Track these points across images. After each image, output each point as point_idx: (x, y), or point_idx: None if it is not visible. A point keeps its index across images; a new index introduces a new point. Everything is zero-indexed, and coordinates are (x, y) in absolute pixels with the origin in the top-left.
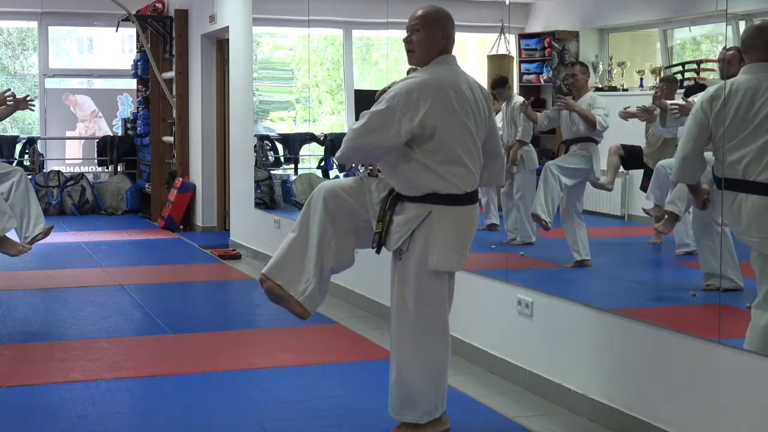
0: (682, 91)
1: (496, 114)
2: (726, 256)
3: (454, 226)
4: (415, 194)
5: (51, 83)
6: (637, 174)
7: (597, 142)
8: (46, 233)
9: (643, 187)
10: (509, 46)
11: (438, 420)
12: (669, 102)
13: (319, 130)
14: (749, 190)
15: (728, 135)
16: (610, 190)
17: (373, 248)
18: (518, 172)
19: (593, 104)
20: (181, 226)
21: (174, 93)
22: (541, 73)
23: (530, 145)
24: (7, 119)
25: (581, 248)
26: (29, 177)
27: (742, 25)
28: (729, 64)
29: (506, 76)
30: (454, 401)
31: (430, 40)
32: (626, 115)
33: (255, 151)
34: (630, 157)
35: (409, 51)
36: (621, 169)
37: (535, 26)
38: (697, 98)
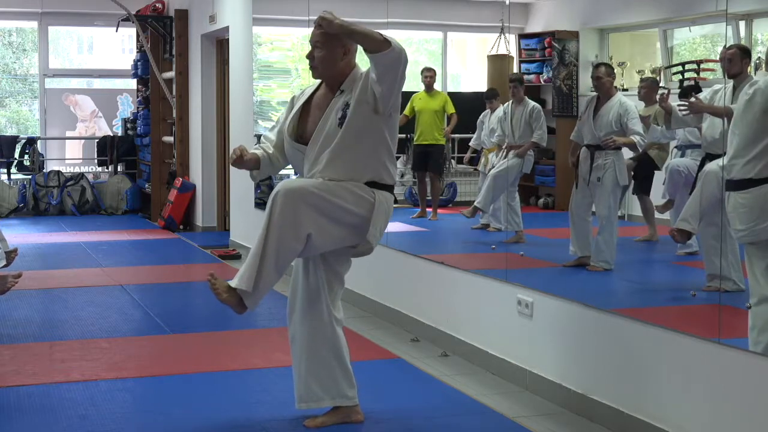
0: (678, 91)
1: (492, 113)
2: (729, 258)
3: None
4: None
5: (51, 83)
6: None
7: (620, 148)
8: (9, 260)
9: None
10: (509, 46)
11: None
12: (677, 103)
13: None
14: (729, 188)
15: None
16: None
17: None
18: (514, 166)
19: (626, 116)
20: (181, 226)
21: (174, 93)
22: (541, 73)
23: (532, 151)
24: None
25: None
26: (29, 177)
27: (742, 25)
28: (731, 63)
29: (516, 77)
30: (454, 401)
31: (330, 56)
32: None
33: None
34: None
35: (311, 67)
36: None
37: (535, 26)
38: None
